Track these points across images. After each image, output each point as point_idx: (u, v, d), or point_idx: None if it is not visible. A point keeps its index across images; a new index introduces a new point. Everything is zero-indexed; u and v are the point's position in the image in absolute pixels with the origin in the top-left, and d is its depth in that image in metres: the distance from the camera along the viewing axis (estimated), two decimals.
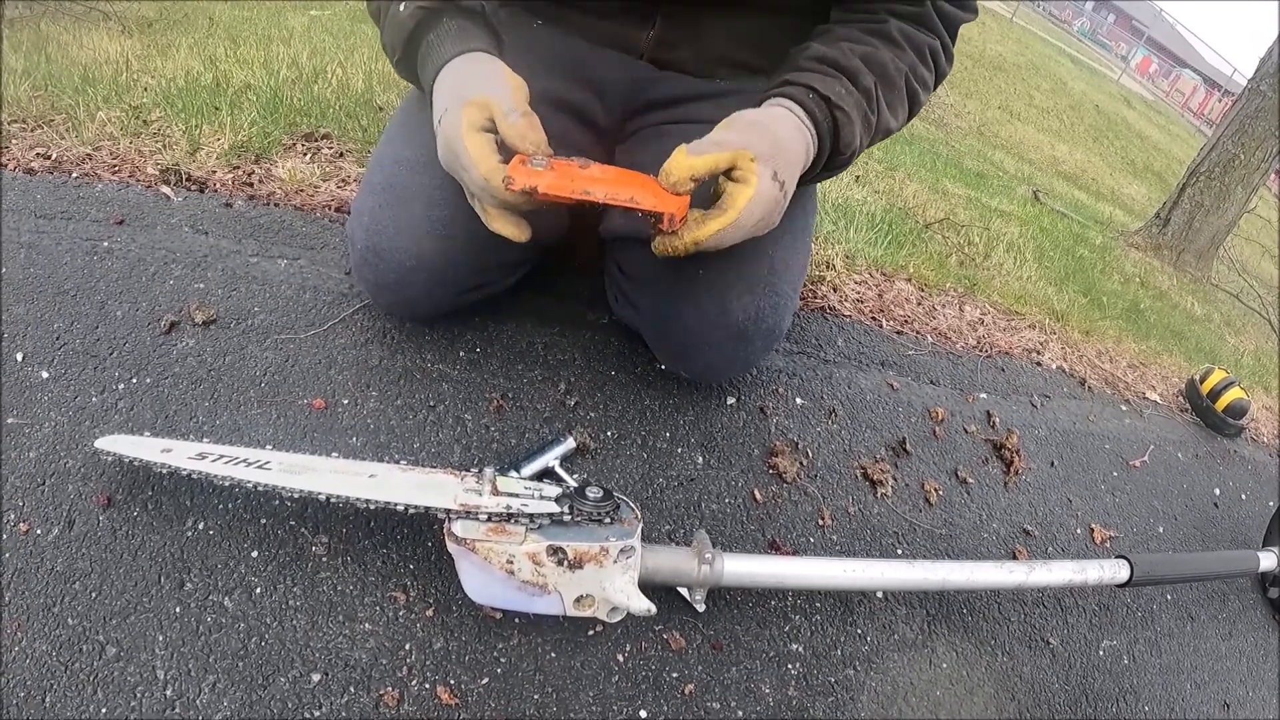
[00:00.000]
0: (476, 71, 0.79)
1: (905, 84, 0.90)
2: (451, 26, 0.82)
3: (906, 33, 0.91)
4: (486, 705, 0.75)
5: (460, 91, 0.77)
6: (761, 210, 0.77)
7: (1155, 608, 1.28)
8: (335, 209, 1.23)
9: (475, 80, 0.78)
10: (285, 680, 0.72)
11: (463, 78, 0.79)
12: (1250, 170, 3.71)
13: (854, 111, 0.85)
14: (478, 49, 0.81)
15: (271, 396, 0.93)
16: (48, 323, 0.93)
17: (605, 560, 0.72)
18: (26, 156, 1.18)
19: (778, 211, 0.81)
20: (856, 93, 0.86)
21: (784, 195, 0.80)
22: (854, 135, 0.85)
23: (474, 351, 1.05)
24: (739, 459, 1.07)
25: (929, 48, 0.92)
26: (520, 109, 0.76)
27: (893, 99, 0.90)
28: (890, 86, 0.89)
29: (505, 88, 0.77)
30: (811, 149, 0.84)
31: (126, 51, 1.85)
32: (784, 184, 0.79)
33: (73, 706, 0.67)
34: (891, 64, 0.88)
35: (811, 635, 0.93)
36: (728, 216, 0.75)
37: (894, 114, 0.91)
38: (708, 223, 0.75)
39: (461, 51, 0.81)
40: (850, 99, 0.85)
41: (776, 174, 0.78)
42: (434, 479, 0.76)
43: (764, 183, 0.76)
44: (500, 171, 0.73)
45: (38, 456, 0.81)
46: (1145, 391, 1.80)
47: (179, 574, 0.76)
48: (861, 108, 0.86)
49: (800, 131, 0.83)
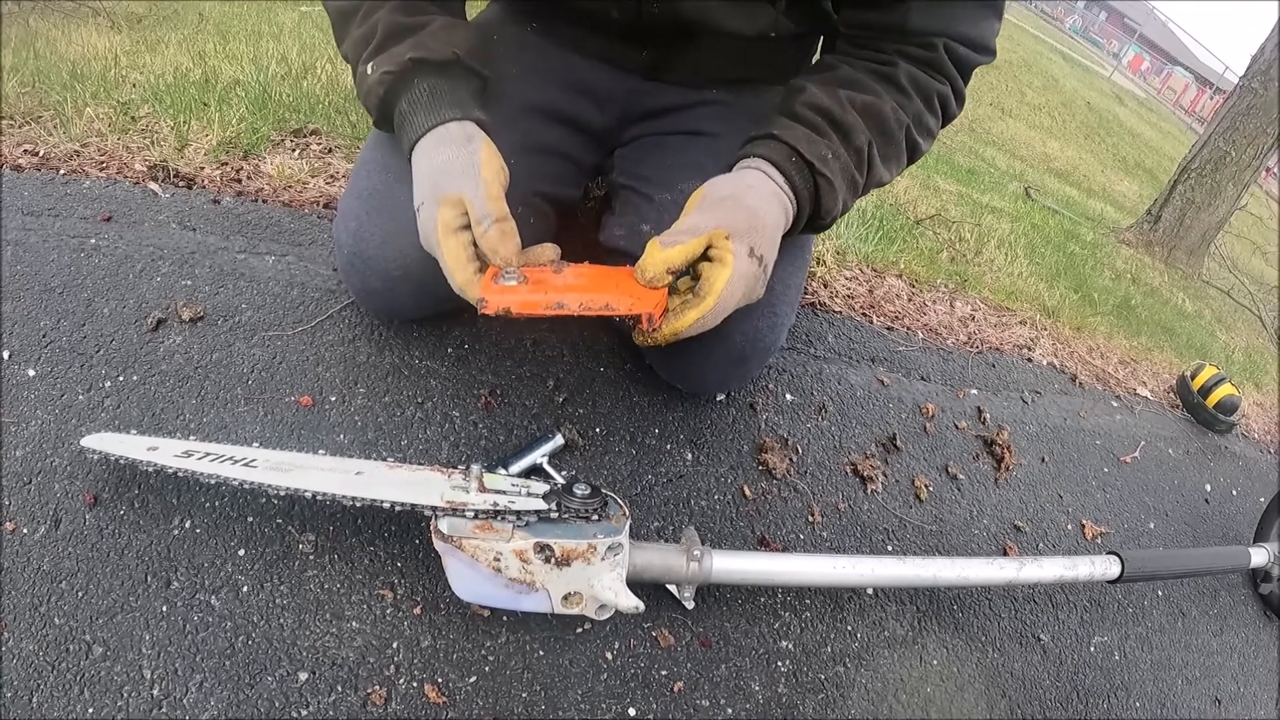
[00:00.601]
0: (452, 161, 0.77)
1: (905, 136, 0.86)
2: (422, 91, 0.79)
3: (916, 79, 0.85)
4: (474, 703, 0.75)
5: (436, 185, 0.76)
6: (742, 289, 0.75)
7: (1146, 604, 1.28)
8: (323, 205, 1.22)
9: (450, 174, 0.76)
10: (272, 679, 0.72)
11: (438, 167, 0.77)
12: (1241, 167, 3.72)
13: (839, 177, 0.81)
14: (451, 119, 0.79)
15: (259, 394, 0.93)
16: (34, 320, 0.92)
17: (593, 557, 0.72)
18: (14, 153, 1.17)
19: (760, 285, 0.78)
20: (845, 154, 0.81)
21: (764, 270, 0.77)
22: (836, 202, 0.81)
23: (462, 348, 1.04)
24: (728, 455, 1.07)
25: (938, 94, 0.87)
26: (494, 213, 0.75)
27: (889, 152, 0.86)
28: (888, 140, 0.85)
29: (480, 182, 0.75)
30: (790, 214, 0.81)
31: (115, 47, 1.84)
32: (762, 258, 0.76)
33: (59, 706, 0.67)
34: (893, 116, 0.83)
35: (801, 632, 0.93)
36: (706, 303, 0.73)
37: (888, 167, 0.87)
38: (686, 312, 0.74)
39: (434, 125, 0.79)
40: (836, 163, 0.81)
41: (754, 249, 0.75)
42: (421, 476, 0.76)
43: (740, 262, 0.74)
44: (475, 282, 0.74)
45: (24, 455, 0.81)
46: (1136, 388, 1.81)
47: (166, 573, 0.76)
48: (849, 171, 0.82)
49: (777, 198, 0.79)
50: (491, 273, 0.75)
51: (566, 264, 0.79)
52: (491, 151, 0.78)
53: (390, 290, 0.93)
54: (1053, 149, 7.00)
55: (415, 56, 0.78)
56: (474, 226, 0.75)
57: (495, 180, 0.77)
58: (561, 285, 0.75)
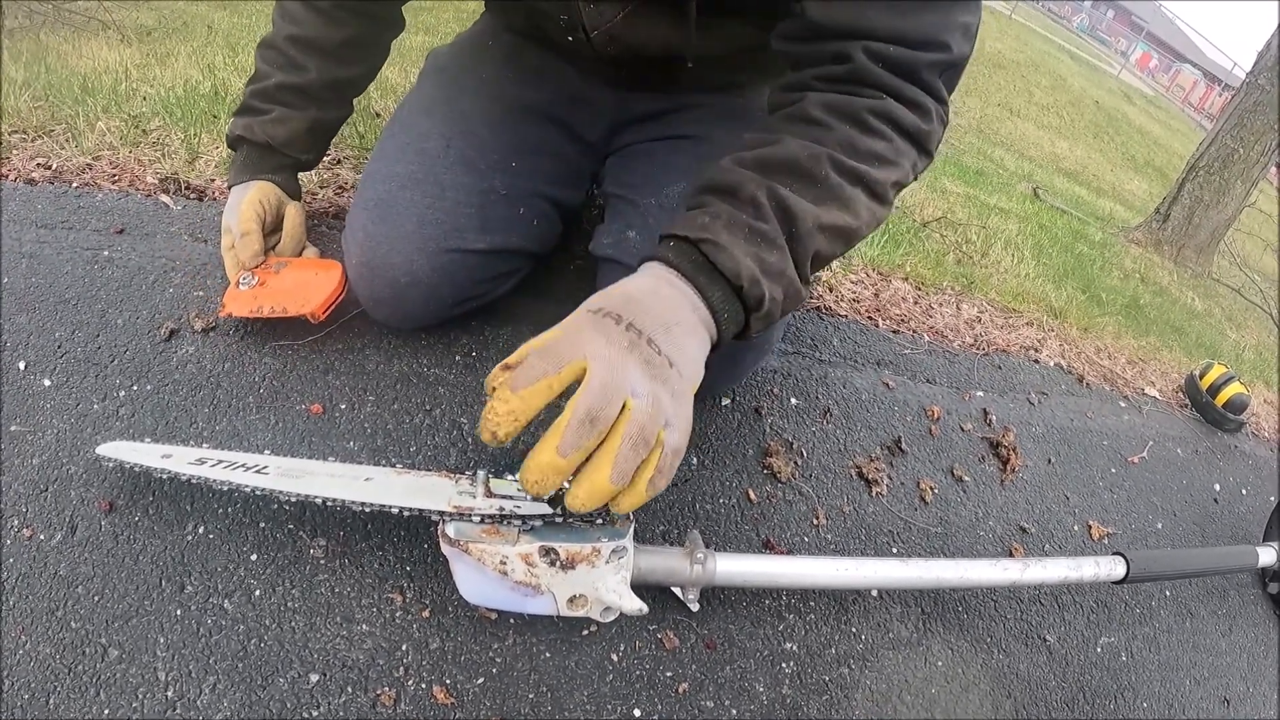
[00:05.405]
0: (235, 202, 1.02)
1: (835, 167, 0.69)
2: (243, 154, 1.05)
3: (830, 104, 0.72)
4: (482, 704, 0.76)
5: (226, 211, 1.04)
6: (614, 368, 0.57)
7: (1154, 604, 1.28)
8: (332, 216, 1.24)
9: (230, 209, 1.02)
10: (284, 681, 0.73)
11: (229, 206, 1.03)
12: (1249, 164, 3.70)
13: (725, 233, 0.65)
14: (250, 179, 1.03)
15: (270, 402, 0.94)
16: (49, 331, 0.94)
17: (597, 560, 0.72)
18: (27, 167, 1.19)
19: (656, 357, 0.59)
20: (732, 210, 0.67)
21: (645, 341, 0.59)
22: (735, 259, 0.64)
23: (469, 355, 1.06)
24: (733, 459, 1.08)
25: (870, 110, 0.71)
26: (238, 230, 0.99)
27: (818, 192, 0.69)
28: (809, 179, 0.69)
29: (238, 213, 1.00)
30: (686, 292, 0.65)
31: (125, 60, 1.86)
32: (641, 330, 0.60)
33: (76, 708, 0.68)
34: (803, 153, 0.69)
35: (806, 634, 0.94)
36: (559, 419, 0.56)
37: (827, 206, 0.69)
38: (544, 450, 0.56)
39: (239, 182, 1.04)
40: (718, 222, 0.66)
41: (622, 320, 0.60)
42: (428, 482, 0.77)
43: (597, 342, 0.58)
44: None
45: (40, 463, 0.82)
46: (1144, 387, 1.80)
47: (180, 577, 0.77)
48: (740, 225, 0.66)
49: (652, 277, 0.65)
50: (235, 279, 0.99)
51: (286, 263, 1.02)
52: (260, 191, 1.02)
53: (399, 298, 0.95)
54: (1061, 148, 6.98)
55: (241, 134, 1.03)
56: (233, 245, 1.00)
57: (250, 208, 1.00)
58: (271, 289, 0.98)
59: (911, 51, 0.71)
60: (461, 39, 1.15)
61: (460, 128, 1.00)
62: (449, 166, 0.96)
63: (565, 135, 1.06)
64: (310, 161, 1.11)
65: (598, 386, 0.56)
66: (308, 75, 1.01)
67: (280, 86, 1.01)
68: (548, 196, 1.04)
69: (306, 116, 1.04)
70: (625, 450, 0.56)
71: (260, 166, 1.04)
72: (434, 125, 1.00)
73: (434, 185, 0.95)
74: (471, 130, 1.00)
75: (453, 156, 0.97)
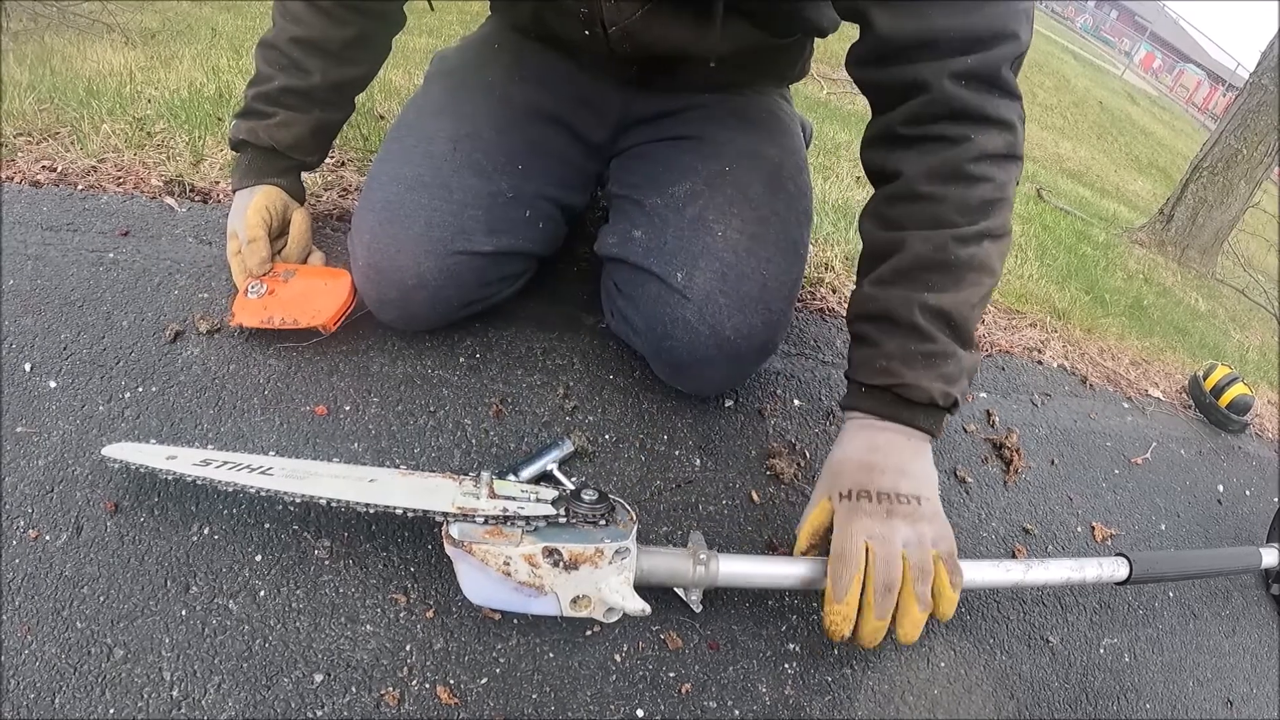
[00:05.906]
0: (239, 206, 1.03)
1: (959, 244, 0.74)
2: (247, 158, 1.05)
3: (933, 172, 0.75)
4: (486, 705, 0.76)
5: (231, 216, 1.05)
6: (852, 532, 0.75)
7: (1157, 605, 1.28)
8: (336, 218, 1.25)
9: (235, 213, 1.04)
10: (289, 681, 0.74)
11: (233, 211, 1.05)
12: (1253, 165, 3.69)
13: (906, 372, 0.77)
14: (254, 184, 1.04)
15: (274, 404, 0.94)
16: (55, 333, 0.95)
17: (600, 561, 0.73)
18: (33, 169, 1.20)
19: (924, 525, 0.75)
20: (898, 341, 0.77)
21: (886, 500, 0.76)
22: (925, 390, 0.76)
23: (473, 357, 1.06)
24: (736, 461, 1.08)
25: (968, 159, 0.73)
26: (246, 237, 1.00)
27: (958, 275, 0.75)
28: (941, 270, 0.75)
29: (244, 218, 1.01)
30: (899, 428, 0.80)
31: (130, 63, 1.87)
32: (876, 493, 0.76)
33: (81, 707, 0.69)
34: (927, 249, 0.75)
35: (809, 635, 0.94)
36: (868, 606, 0.75)
37: (972, 279, 0.76)
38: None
39: (243, 186, 1.04)
40: (895, 362, 0.77)
41: (855, 492, 0.77)
42: (433, 483, 0.77)
43: (841, 520, 0.77)
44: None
45: (46, 464, 0.83)
46: (1148, 388, 1.80)
47: (185, 578, 0.78)
48: (913, 354, 0.76)
49: (864, 431, 0.82)
50: (244, 287, 1.00)
51: (294, 271, 1.02)
52: (266, 196, 1.03)
53: (406, 300, 0.95)
54: (1065, 149, 6.97)
55: (245, 139, 1.03)
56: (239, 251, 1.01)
57: (256, 214, 1.01)
58: (281, 299, 0.98)
59: (986, 53, 0.71)
60: (467, 41, 1.15)
61: (467, 130, 1.00)
62: (456, 169, 0.96)
63: (571, 138, 1.07)
64: (314, 163, 1.11)
65: (882, 564, 0.73)
66: (311, 78, 1.01)
67: (283, 89, 1.01)
68: (553, 199, 1.04)
69: (310, 119, 1.04)
70: (918, 588, 0.73)
71: (265, 170, 1.05)
72: (440, 128, 1.00)
73: (441, 188, 0.95)
74: (478, 133, 1.00)
75: (460, 159, 0.97)
